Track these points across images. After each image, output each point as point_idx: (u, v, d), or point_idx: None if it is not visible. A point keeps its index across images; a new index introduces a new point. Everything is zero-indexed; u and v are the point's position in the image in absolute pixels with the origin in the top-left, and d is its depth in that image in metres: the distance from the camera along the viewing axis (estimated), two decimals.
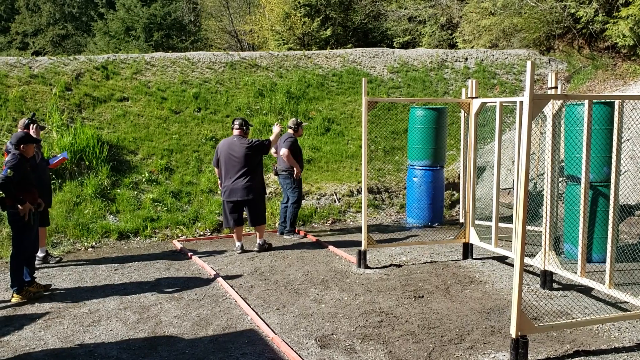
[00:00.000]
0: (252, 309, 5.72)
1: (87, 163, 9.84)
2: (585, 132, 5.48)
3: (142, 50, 20.75)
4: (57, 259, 7.67)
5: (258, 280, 6.77)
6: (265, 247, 8.05)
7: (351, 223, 9.95)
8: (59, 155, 8.15)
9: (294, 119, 9.20)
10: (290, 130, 8.95)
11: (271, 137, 8.23)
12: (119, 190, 9.65)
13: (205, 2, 30.85)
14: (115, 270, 7.29)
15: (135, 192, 9.71)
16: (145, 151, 10.64)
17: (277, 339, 4.95)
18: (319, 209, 10.11)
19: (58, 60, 12.53)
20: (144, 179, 9.99)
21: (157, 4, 24.01)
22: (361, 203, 7.51)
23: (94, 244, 8.55)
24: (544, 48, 17.61)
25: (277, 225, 9.36)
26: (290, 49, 21.52)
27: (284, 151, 8.65)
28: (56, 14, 31.37)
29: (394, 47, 20.28)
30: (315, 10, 23.30)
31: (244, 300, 5.96)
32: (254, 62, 14.29)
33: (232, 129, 8.01)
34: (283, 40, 23.16)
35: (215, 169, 8.25)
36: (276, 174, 9.03)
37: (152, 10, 23.61)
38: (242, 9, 29.33)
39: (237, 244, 8.04)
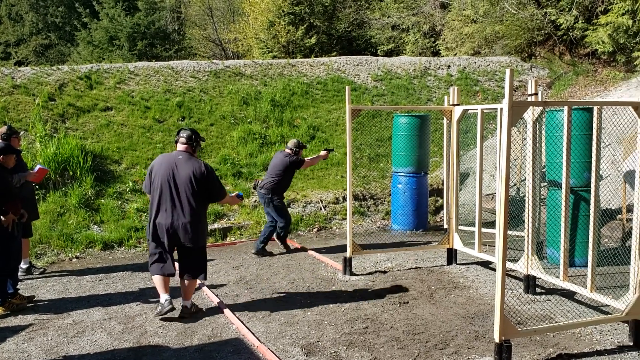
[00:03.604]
0: (237, 317, 5.72)
1: (71, 173, 9.78)
2: (565, 137, 5.56)
3: (126, 59, 20.68)
4: (40, 270, 7.61)
5: (243, 289, 6.76)
6: (193, 311, 5.83)
7: (337, 230, 9.98)
8: (35, 168, 7.15)
9: (294, 140, 8.53)
10: (287, 151, 8.33)
11: (310, 157, 8.37)
12: (103, 200, 9.61)
13: (189, 10, 30.86)
14: (100, 280, 7.25)
15: (120, 202, 9.67)
16: (129, 161, 10.61)
17: (263, 347, 4.95)
18: (304, 217, 10.13)
19: (41, 70, 12.46)
20: (128, 189, 9.95)
21: (141, 13, 23.92)
22: (347, 210, 7.54)
23: (78, 254, 8.49)
24: (526, 55, 17.83)
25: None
26: (274, 57, 21.57)
27: (306, 160, 8.43)
28: (39, 23, 31.16)
29: (378, 55, 20.41)
30: (300, 18, 23.40)
31: (229, 309, 5.95)
32: (238, 70, 14.31)
33: (176, 142, 5.73)
34: (267, 48, 23.22)
35: (149, 196, 5.82)
36: (255, 187, 8.41)
37: (136, 19, 23.53)
38: (226, 18, 29.36)
39: (165, 297, 5.66)
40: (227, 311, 5.88)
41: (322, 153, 8.57)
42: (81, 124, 11.26)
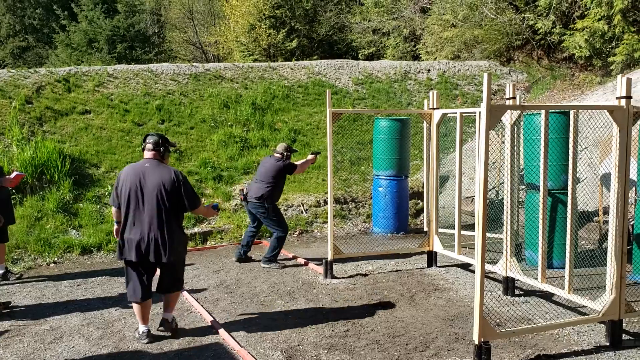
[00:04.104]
0: (217, 322, 5.68)
1: (49, 177, 9.66)
2: (542, 141, 5.63)
3: (105, 62, 20.50)
4: (17, 275, 7.49)
5: (223, 293, 6.73)
6: (173, 327, 5.40)
7: (318, 233, 9.98)
8: (12, 175, 7.00)
9: (283, 144, 8.01)
10: (277, 156, 7.82)
11: (300, 161, 7.84)
12: (81, 205, 9.50)
13: (169, 13, 30.71)
14: (78, 285, 7.16)
15: (98, 206, 9.57)
16: (108, 164, 10.50)
17: (243, 351, 4.93)
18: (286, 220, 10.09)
19: (18, 73, 12.29)
20: (107, 193, 9.85)
21: (121, 16, 23.74)
22: (328, 213, 7.54)
23: (55, 259, 8.38)
24: (505, 59, 18.03)
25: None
26: (255, 60, 21.56)
27: (298, 165, 7.89)
28: (16, 25, 30.74)
29: (358, 59, 20.50)
30: (281, 22, 23.42)
31: (210, 314, 5.92)
32: (218, 73, 14.26)
33: (143, 149, 5.23)
34: (248, 51, 23.20)
35: (114, 210, 5.31)
36: (245, 200, 7.85)
37: (115, 22, 23.34)
38: (207, 21, 29.27)
39: (142, 328, 5.24)
40: (206, 315, 5.84)
41: (310, 157, 8.05)
42: (59, 127, 11.12)
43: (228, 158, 11.48)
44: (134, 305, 5.21)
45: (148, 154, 5.15)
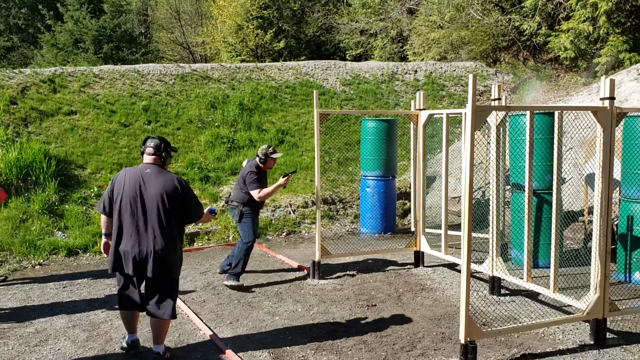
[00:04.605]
0: (204, 323, 5.67)
1: (34, 178, 9.57)
2: (527, 141, 5.68)
3: (92, 62, 20.36)
4: (1, 277, 7.42)
5: (211, 294, 6.71)
6: (167, 357, 4.80)
7: (306, 234, 9.98)
8: None
9: (265, 146, 6.99)
10: (256, 160, 7.00)
11: (270, 188, 6.90)
12: (67, 206, 9.43)
13: (156, 14, 30.57)
14: (64, 287, 7.11)
15: (84, 207, 9.50)
16: (94, 165, 10.43)
17: (230, 352, 4.92)
18: (273, 221, 10.10)
19: (2, 73, 12.18)
20: (93, 194, 9.79)
21: (107, 16, 23.61)
22: (316, 214, 7.54)
23: (41, 261, 8.31)
24: (491, 60, 18.15)
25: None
26: (243, 60, 21.53)
27: (255, 194, 6.81)
28: (1, 25, 30.46)
29: (346, 60, 20.54)
30: (268, 22, 23.40)
31: (197, 315, 5.90)
32: (205, 74, 14.23)
33: (142, 153, 4.75)
34: (236, 52, 23.16)
35: (103, 219, 4.83)
36: (226, 202, 7.32)
37: (102, 22, 23.20)
38: (194, 21, 29.18)
39: (131, 338, 4.94)
40: (193, 317, 5.83)
41: (281, 180, 7.01)
42: (44, 128, 11.04)
43: (215, 159, 11.45)
44: (123, 313, 4.85)
45: (148, 159, 4.67)
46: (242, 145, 12.06)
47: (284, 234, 9.94)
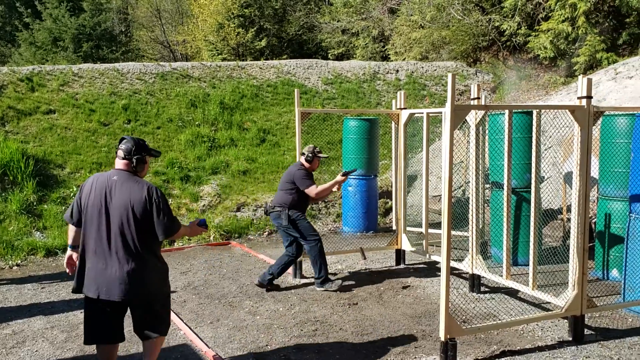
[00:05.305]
0: (185, 323, 5.64)
1: (12, 178, 9.44)
2: (506, 140, 5.72)
3: (71, 61, 20.13)
4: None
5: (191, 294, 6.67)
6: None
7: None
8: None
9: (311, 146, 6.81)
10: (302, 159, 6.79)
11: (327, 184, 6.71)
12: (45, 206, 9.31)
13: (137, 12, 30.30)
14: (42, 288, 7.02)
15: (63, 207, 9.39)
16: (73, 165, 10.32)
17: (211, 352, 4.90)
18: (255, 221, 10.07)
19: None
20: (72, 194, 9.67)
21: (86, 14, 23.32)
22: None
23: (19, 262, 8.19)
24: (471, 60, 18.28)
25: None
26: (224, 59, 21.43)
27: (312, 190, 6.58)
28: None
29: (328, 59, 20.55)
30: (250, 21, 23.33)
31: (177, 315, 5.86)
32: (185, 72, 14.14)
33: (116, 155, 4.12)
34: (217, 50, 23.05)
35: (70, 228, 4.20)
36: (267, 212, 6.90)
37: (81, 20, 22.92)
38: (175, 19, 28.98)
39: None
40: (174, 316, 5.79)
41: (339, 177, 6.78)
42: (22, 127, 10.88)
43: (196, 158, 11.38)
44: (99, 349, 4.17)
45: (119, 163, 4.05)
46: (223, 145, 12.01)
47: (266, 233, 9.91)
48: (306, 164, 6.73)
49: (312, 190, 6.59)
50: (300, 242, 6.73)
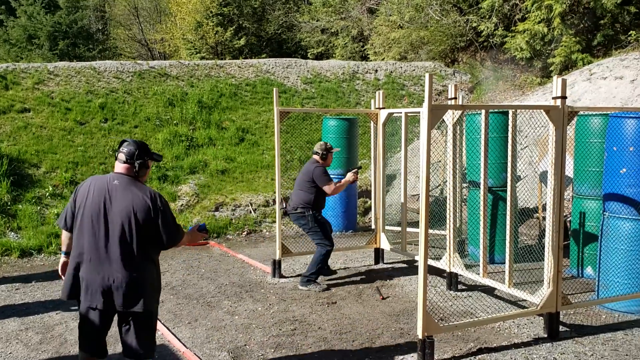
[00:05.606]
0: (162, 323, 5.59)
1: None
2: (482, 139, 5.78)
3: (47, 59, 19.86)
4: None
5: (169, 294, 6.62)
6: None
7: (267, 233, 9.94)
8: None
9: (321, 142, 7.08)
10: (316, 157, 6.94)
11: (341, 182, 6.84)
12: (20, 206, 9.16)
13: (114, 10, 29.99)
14: (17, 289, 6.91)
15: (39, 207, 9.26)
16: (48, 164, 10.17)
17: (189, 352, 4.87)
18: (234, 220, 10.04)
19: None
20: (47, 194, 9.54)
21: (62, 12, 23.06)
22: (276, 213, 7.51)
23: None
24: (449, 60, 18.42)
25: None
26: (203, 58, 21.31)
27: (330, 188, 6.75)
28: None
29: (308, 58, 20.55)
30: (228, 19, 23.23)
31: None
32: (163, 71, 14.03)
33: (116, 158, 3.87)
34: (195, 49, 22.92)
35: (64, 234, 3.99)
36: (286, 213, 7.00)
37: (57, 18, 22.65)
38: (153, 18, 28.74)
39: None
40: None
41: (349, 176, 6.97)
42: None
43: (173, 157, 11.30)
44: (81, 356, 3.93)
45: (119, 167, 3.82)
46: (201, 144, 11.95)
47: (245, 233, 9.88)
48: (321, 161, 6.87)
49: (330, 188, 6.78)
50: (314, 240, 6.85)
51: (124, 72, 13.49)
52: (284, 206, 6.99)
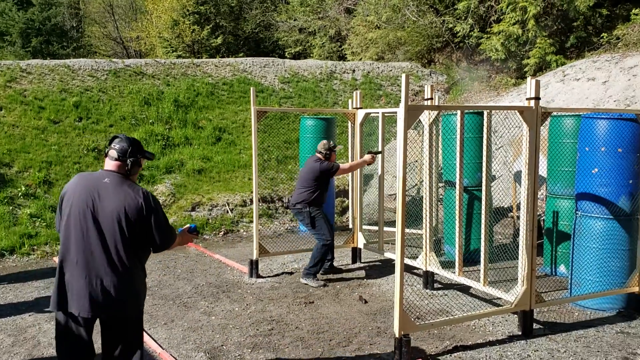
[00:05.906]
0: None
1: None
2: (458, 140, 5.84)
3: (19, 56, 19.52)
4: None
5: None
6: None
7: (244, 233, 9.91)
8: None
9: (324, 141, 7.11)
10: (319, 155, 7.03)
11: (357, 160, 7.01)
12: None
13: (89, 7, 29.58)
14: None
15: (11, 207, 9.10)
16: (21, 164, 10.00)
17: (165, 353, 4.83)
18: (210, 220, 9.98)
19: None
20: (20, 193, 9.39)
21: (35, 9, 22.72)
22: (254, 213, 7.50)
23: None
24: (426, 61, 18.55)
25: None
26: (179, 56, 21.15)
27: (344, 166, 7.12)
28: None
29: (285, 58, 20.52)
30: (205, 18, 23.09)
31: None
32: (139, 69, 13.89)
33: (106, 155, 3.65)
34: (172, 47, 22.74)
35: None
36: (287, 207, 7.26)
37: (30, 14, 22.31)
38: (128, 15, 28.43)
39: None
40: None
41: (367, 157, 7.06)
42: None
43: None
44: None
45: (110, 164, 3.59)
46: (177, 143, 11.86)
47: (222, 233, 9.84)
48: (324, 159, 7.02)
49: (344, 166, 7.11)
50: (314, 235, 7.04)
51: (99, 71, 13.33)
52: (287, 201, 6.99)
